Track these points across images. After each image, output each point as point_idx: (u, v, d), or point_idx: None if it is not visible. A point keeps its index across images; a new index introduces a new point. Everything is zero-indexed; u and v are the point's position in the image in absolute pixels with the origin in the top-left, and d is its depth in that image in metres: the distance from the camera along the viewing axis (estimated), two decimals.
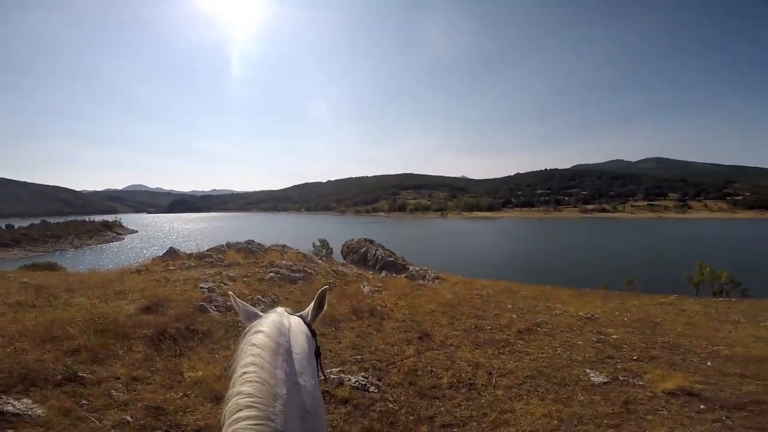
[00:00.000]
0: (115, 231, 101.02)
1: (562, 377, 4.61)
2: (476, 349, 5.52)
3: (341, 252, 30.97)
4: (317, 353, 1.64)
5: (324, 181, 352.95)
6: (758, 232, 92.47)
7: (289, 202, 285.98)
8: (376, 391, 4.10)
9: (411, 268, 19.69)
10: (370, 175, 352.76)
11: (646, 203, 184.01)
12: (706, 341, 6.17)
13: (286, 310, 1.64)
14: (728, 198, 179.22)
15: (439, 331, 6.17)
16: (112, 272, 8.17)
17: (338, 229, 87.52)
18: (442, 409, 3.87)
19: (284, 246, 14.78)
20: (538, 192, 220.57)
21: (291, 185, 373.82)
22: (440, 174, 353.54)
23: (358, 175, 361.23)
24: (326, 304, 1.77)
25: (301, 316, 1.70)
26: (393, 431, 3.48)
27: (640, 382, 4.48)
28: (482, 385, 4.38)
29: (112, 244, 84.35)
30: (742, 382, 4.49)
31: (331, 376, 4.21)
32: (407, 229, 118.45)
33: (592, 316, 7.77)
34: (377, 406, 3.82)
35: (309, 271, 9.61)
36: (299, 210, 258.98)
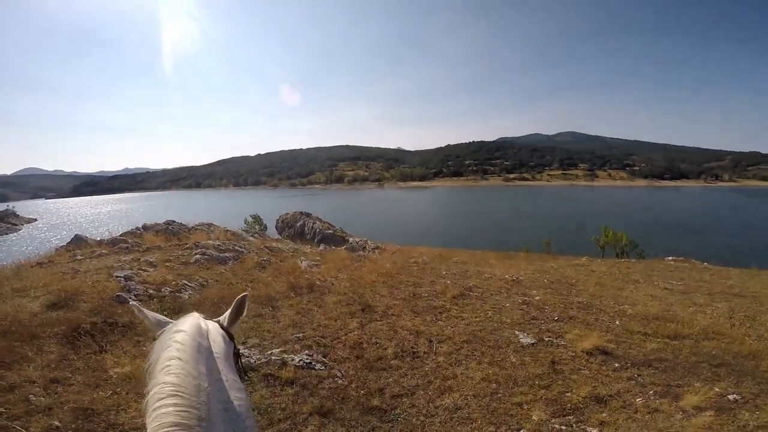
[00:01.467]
0: (9, 221, 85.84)
1: (495, 340, 4.92)
2: (416, 317, 5.68)
3: (276, 227, 29.98)
4: (236, 355, 1.64)
5: (253, 154, 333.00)
6: (650, 198, 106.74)
7: (214, 179, 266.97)
8: (323, 368, 4.06)
9: (351, 239, 19.71)
10: (304, 147, 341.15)
11: (560, 172, 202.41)
12: (613, 301, 6.93)
13: (201, 316, 1.59)
14: (627, 169, 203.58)
15: (380, 302, 6.26)
16: (8, 268, 7.08)
17: (272, 204, 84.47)
18: (390, 380, 3.95)
19: (210, 224, 13.84)
20: (467, 162, 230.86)
21: (216, 160, 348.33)
22: (377, 146, 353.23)
23: (291, 148, 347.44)
24: (245, 309, 1.71)
25: (218, 321, 1.67)
26: (345, 407, 3.47)
27: (563, 343, 4.90)
28: (424, 352, 4.55)
29: (5, 237, 72.46)
30: (645, 339, 5.06)
31: (272, 358, 4.10)
32: (346, 200, 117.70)
33: (517, 278, 8.38)
34: (326, 383, 3.79)
35: (240, 249, 9.13)
36: (227, 186, 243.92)
